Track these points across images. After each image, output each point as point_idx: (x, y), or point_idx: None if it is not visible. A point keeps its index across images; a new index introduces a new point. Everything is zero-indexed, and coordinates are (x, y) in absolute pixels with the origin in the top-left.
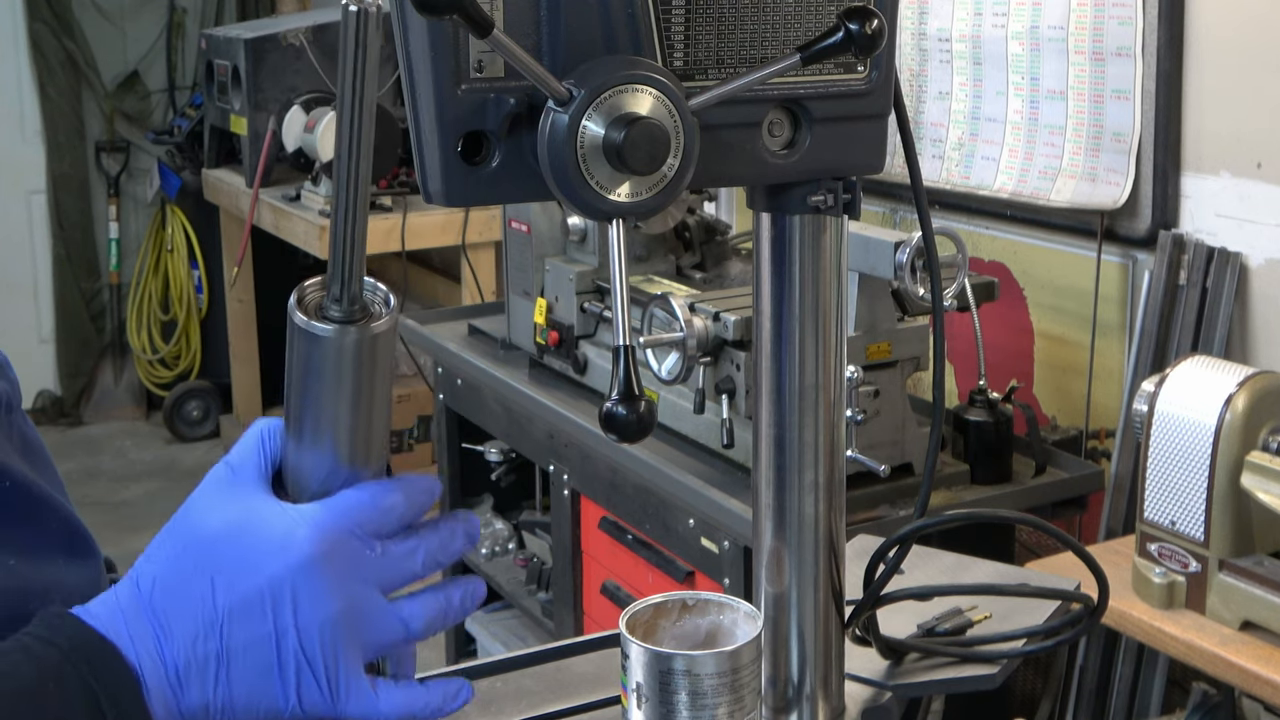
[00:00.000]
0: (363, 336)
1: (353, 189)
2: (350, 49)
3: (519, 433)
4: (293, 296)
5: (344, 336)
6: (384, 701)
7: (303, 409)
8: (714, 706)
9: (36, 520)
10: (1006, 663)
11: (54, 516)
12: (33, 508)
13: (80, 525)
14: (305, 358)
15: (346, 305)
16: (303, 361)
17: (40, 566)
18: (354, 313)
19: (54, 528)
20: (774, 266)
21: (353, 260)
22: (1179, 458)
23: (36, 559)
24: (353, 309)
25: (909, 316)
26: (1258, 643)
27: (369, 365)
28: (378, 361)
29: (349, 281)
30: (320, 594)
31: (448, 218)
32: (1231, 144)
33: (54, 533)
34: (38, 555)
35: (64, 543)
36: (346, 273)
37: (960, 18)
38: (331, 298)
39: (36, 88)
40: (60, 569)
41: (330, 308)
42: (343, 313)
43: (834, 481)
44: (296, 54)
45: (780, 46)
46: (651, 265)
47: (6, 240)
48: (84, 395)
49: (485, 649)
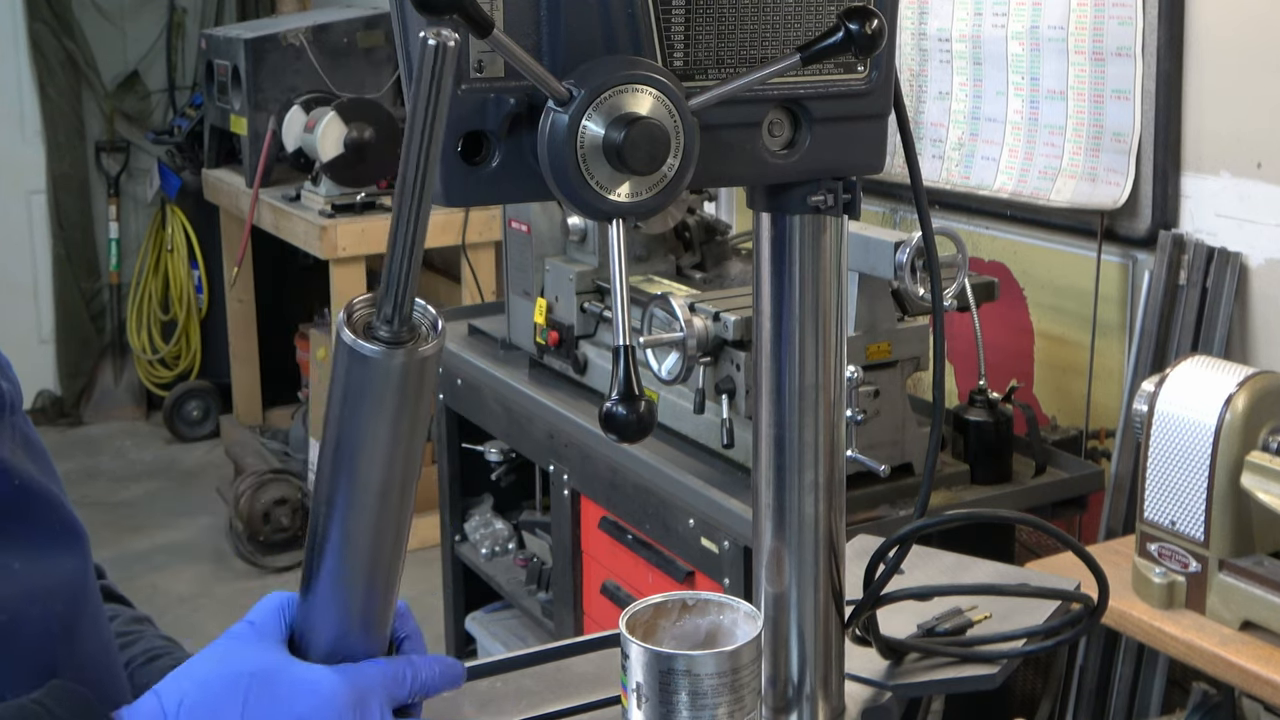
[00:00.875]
0: (410, 360)
1: (414, 209)
2: (426, 81)
3: (519, 433)
4: (341, 314)
5: (391, 359)
6: None
7: (341, 427)
8: (714, 706)
9: (39, 521)
10: (1006, 663)
11: (54, 516)
12: (35, 509)
13: (74, 519)
14: (348, 378)
15: (396, 326)
16: (344, 382)
17: (42, 568)
18: (402, 334)
19: (56, 528)
20: (774, 266)
21: (408, 282)
22: (1179, 458)
23: (39, 560)
24: (401, 330)
25: (909, 316)
26: (1258, 643)
27: (415, 389)
28: (424, 385)
29: (401, 303)
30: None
31: (448, 218)
32: (1231, 144)
33: (56, 532)
34: (40, 556)
35: (62, 540)
36: (400, 294)
37: (960, 18)
38: (383, 318)
39: (36, 88)
40: (59, 567)
41: (380, 328)
42: (391, 334)
43: (834, 481)
44: (296, 54)
45: (780, 46)
46: (651, 265)
47: (6, 240)
48: (84, 395)
49: (485, 649)
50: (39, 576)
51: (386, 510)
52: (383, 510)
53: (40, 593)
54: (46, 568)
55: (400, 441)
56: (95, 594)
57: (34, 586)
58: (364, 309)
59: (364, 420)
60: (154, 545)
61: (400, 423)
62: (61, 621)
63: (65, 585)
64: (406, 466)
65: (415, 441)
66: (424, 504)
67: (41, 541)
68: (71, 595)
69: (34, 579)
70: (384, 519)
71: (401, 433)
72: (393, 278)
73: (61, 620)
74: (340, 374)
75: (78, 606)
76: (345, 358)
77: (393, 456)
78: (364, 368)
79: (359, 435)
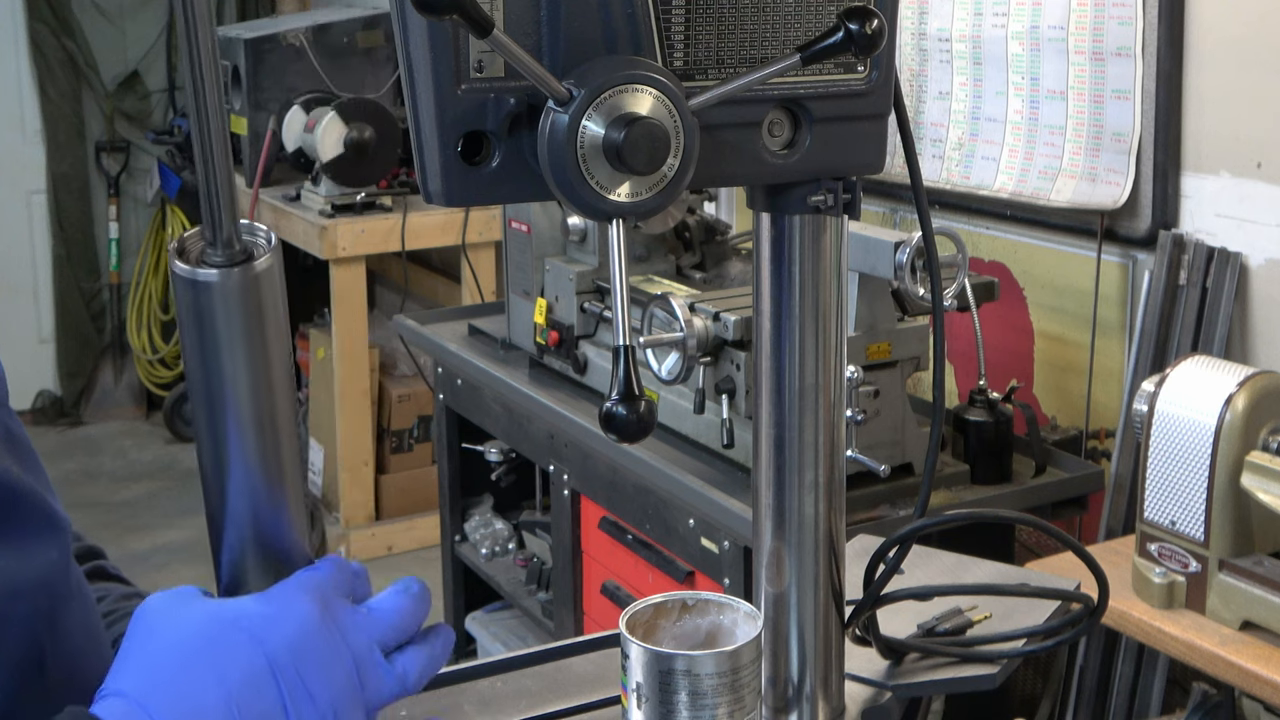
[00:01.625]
0: (247, 277)
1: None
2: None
3: (519, 433)
4: (171, 246)
5: (228, 279)
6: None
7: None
8: (714, 706)
9: (23, 516)
10: (1006, 663)
11: (37, 510)
12: (20, 504)
13: (56, 511)
14: (195, 311)
15: (226, 249)
16: (194, 316)
17: (27, 562)
18: (235, 256)
19: (39, 522)
20: (774, 266)
21: (222, 201)
22: (1179, 458)
23: (23, 554)
24: (233, 251)
25: (909, 316)
26: (1258, 643)
27: (259, 307)
28: (269, 302)
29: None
30: (324, 654)
31: (448, 218)
32: (1231, 144)
33: (38, 526)
34: (23, 550)
35: (45, 533)
36: (218, 215)
37: (960, 18)
38: (210, 243)
39: (36, 88)
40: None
41: (211, 255)
42: (225, 257)
43: (834, 481)
44: (296, 54)
45: (780, 46)
46: (651, 265)
47: (6, 240)
48: (84, 395)
49: (485, 649)
50: (24, 571)
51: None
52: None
53: (26, 587)
54: (30, 562)
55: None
56: (80, 583)
57: (19, 582)
58: (194, 240)
59: (221, 347)
60: (154, 545)
61: (254, 341)
62: (47, 615)
63: (49, 578)
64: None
65: (275, 357)
66: (424, 504)
67: (25, 536)
68: (55, 587)
69: (19, 574)
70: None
71: (258, 350)
72: (208, 199)
73: (47, 614)
74: (185, 309)
75: (62, 598)
76: (184, 291)
77: (256, 377)
78: (204, 295)
79: (219, 364)
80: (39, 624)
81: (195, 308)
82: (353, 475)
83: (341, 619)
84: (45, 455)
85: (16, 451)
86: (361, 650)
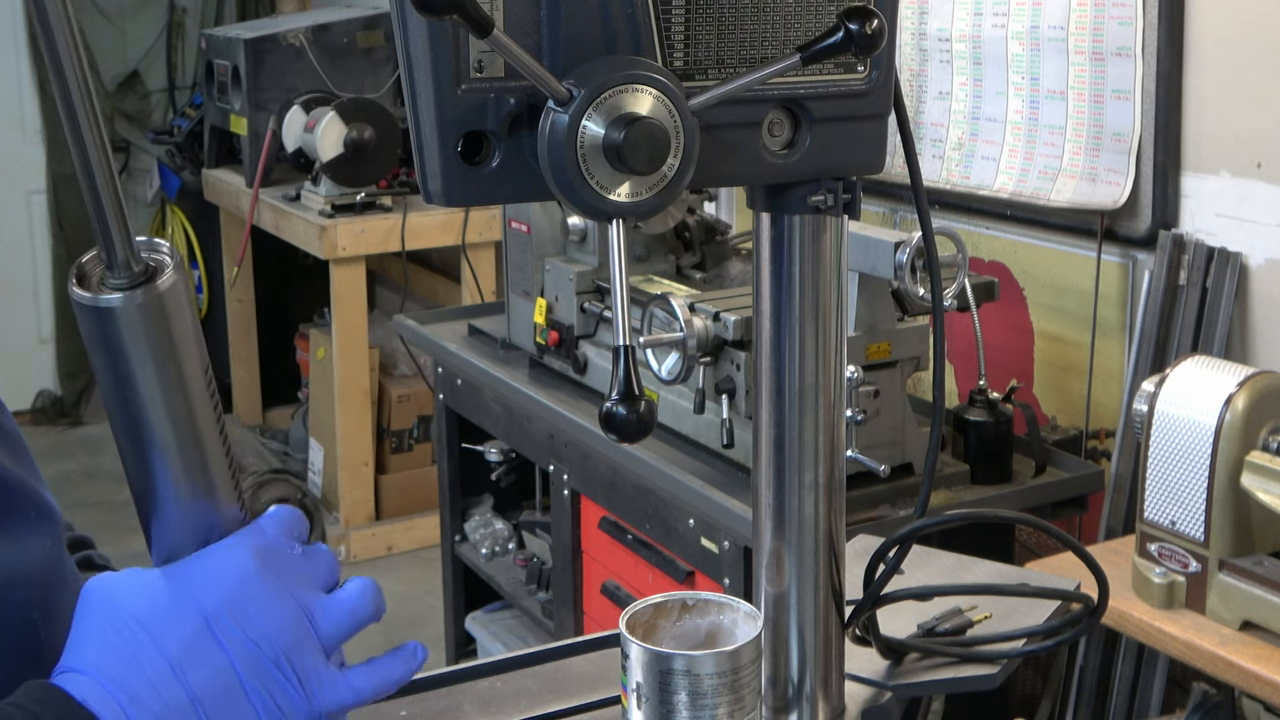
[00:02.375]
0: (150, 297)
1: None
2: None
3: (519, 433)
4: (71, 274)
5: (132, 302)
6: (357, 683)
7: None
8: (714, 706)
9: (16, 506)
10: (1006, 663)
11: (28, 502)
12: (12, 494)
13: (47, 501)
14: (102, 338)
15: (124, 271)
16: (101, 343)
17: (21, 553)
18: (136, 277)
19: (32, 515)
20: (774, 266)
21: (111, 223)
22: (1179, 458)
23: (18, 546)
24: (134, 272)
25: (909, 316)
26: (1258, 643)
27: (167, 324)
28: (178, 318)
29: (120, 243)
30: (265, 603)
31: (448, 218)
32: (1231, 144)
33: (30, 518)
34: (18, 542)
35: (37, 524)
36: (109, 237)
37: (960, 18)
38: (108, 267)
39: (36, 88)
40: (37, 550)
41: (110, 278)
42: (125, 279)
43: (834, 481)
44: (296, 54)
45: (780, 46)
46: (651, 265)
47: (6, 240)
48: (84, 395)
49: (485, 649)
50: (19, 563)
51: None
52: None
53: (21, 579)
54: (26, 552)
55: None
56: (72, 573)
57: (15, 573)
58: (94, 265)
59: (133, 369)
60: None
61: (164, 359)
62: (42, 604)
63: (44, 567)
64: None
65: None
66: (424, 504)
67: (17, 527)
68: (50, 576)
69: (15, 563)
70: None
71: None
72: (98, 222)
73: (42, 603)
74: (90, 335)
75: (57, 587)
76: (87, 318)
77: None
78: (108, 320)
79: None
80: (35, 613)
81: (101, 334)
82: (353, 475)
83: (282, 565)
84: (45, 455)
85: (6, 443)
86: (306, 591)
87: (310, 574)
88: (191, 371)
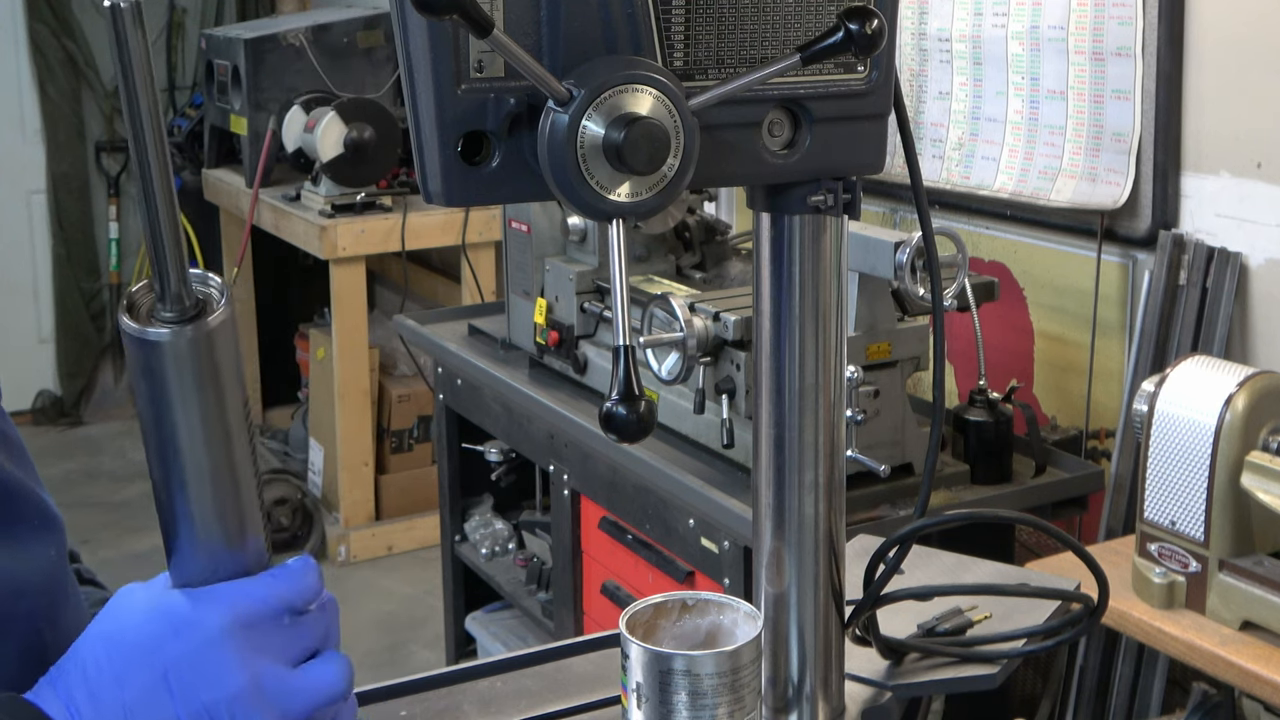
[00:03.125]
0: (199, 334)
1: (150, 178)
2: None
3: (519, 433)
4: (121, 304)
5: (180, 337)
6: None
7: (158, 424)
8: (714, 706)
9: (21, 515)
10: (1006, 663)
11: (32, 509)
12: (16, 502)
13: (51, 509)
14: (147, 368)
15: (177, 304)
16: (145, 373)
17: (26, 560)
18: (187, 311)
19: (35, 520)
20: (774, 266)
21: (169, 258)
22: (1179, 458)
23: (22, 553)
24: (185, 307)
25: (909, 316)
26: (1258, 643)
27: (213, 362)
28: (223, 357)
29: (175, 278)
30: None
31: (448, 218)
32: (1231, 144)
33: (34, 525)
34: (22, 548)
35: (41, 531)
36: (166, 271)
37: (960, 18)
38: (160, 299)
39: (36, 88)
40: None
41: (162, 310)
42: (176, 313)
43: (834, 481)
44: (296, 54)
45: (780, 46)
46: (651, 265)
47: (6, 240)
48: (84, 395)
49: (485, 649)
50: (24, 570)
51: (220, 488)
52: (218, 488)
53: (28, 588)
54: (29, 560)
55: (211, 412)
56: (73, 581)
57: (20, 580)
58: (144, 295)
59: (173, 403)
60: (154, 546)
61: (207, 395)
62: (47, 612)
63: (48, 575)
64: (228, 434)
65: (230, 408)
66: (424, 504)
67: (22, 535)
68: (53, 586)
69: (19, 572)
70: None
71: (211, 403)
72: (157, 256)
73: (46, 611)
74: (135, 366)
75: (60, 596)
76: (135, 348)
77: (210, 429)
78: (155, 354)
79: (172, 418)
80: (41, 621)
81: (146, 365)
82: (353, 475)
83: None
84: (45, 455)
85: (9, 450)
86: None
87: (292, 648)
88: (233, 408)
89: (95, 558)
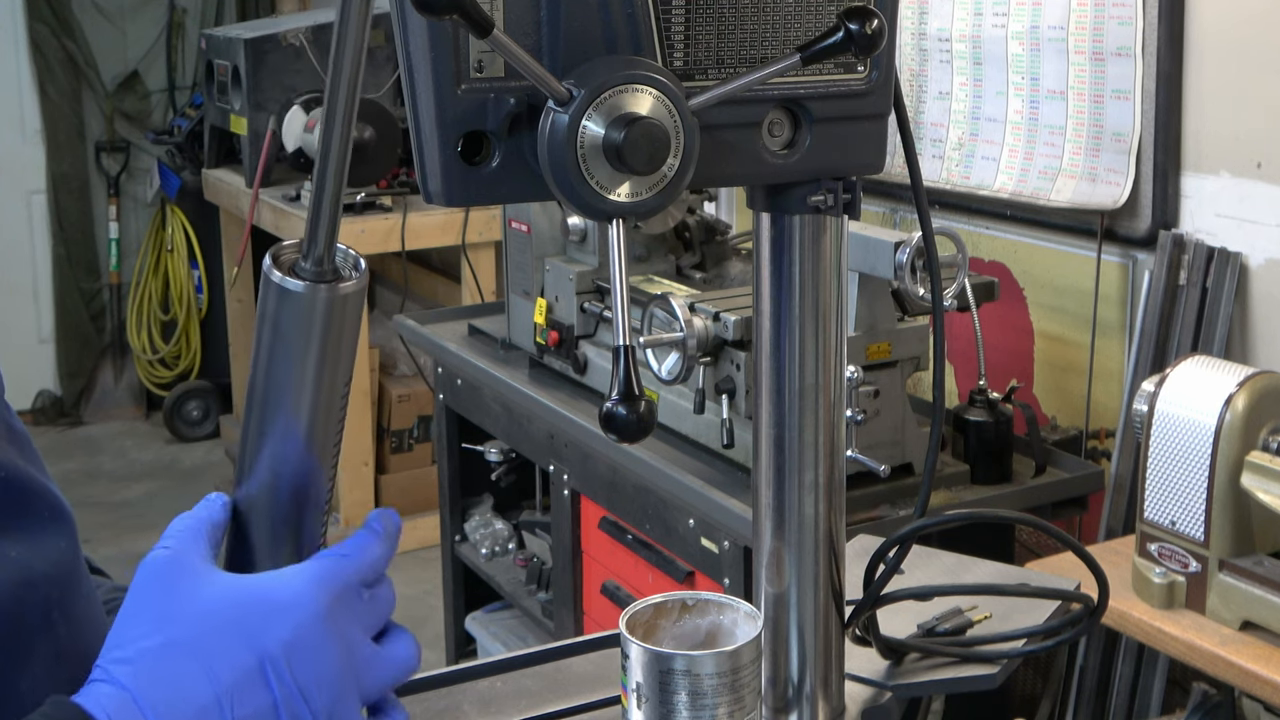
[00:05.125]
0: (333, 295)
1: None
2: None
3: (519, 433)
4: (268, 256)
5: (315, 293)
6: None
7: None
8: (714, 706)
9: (32, 507)
10: (1006, 663)
11: (41, 502)
12: (25, 495)
13: (60, 501)
14: (275, 316)
15: (317, 265)
16: (273, 320)
17: (37, 553)
18: (326, 273)
19: (44, 513)
20: (774, 266)
21: (328, 222)
22: (1179, 458)
23: (33, 545)
24: (323, 269)
25: (909, 316)
26: (1258, 643)
27: (337, 326)
28: (345, 324)
29: (323, 242)
30: (322, 652)
31: (448, 218)
32: (1231, 144)
33: (44, 518)
34: (33, 541)
35: (51, 524)
36: (326, 234)
37: (960, 18)
38: (304, 257)
39: (36, 88)
40: (52, 550)
41: (304, 268)
42: (315, 273)
43: (834, 481)
44: (296, 54)
45: (780, 46)
46: (651, 265)
47: (6, 240)
48: (84, 395)
49: (485, 649)
50: (35, 562)
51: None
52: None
53: (38, 578)
54: (41, 552)
55: (325, 373)
56: (85, 573)
57: (32, 572)
58: (290, 253)
59: (291, 353)
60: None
61: (325, 355)
62: (60, 604)
63: (59, 568)
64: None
65: (338, 377)
66: (424, 504)
67: (33, 527)
68: (65, 577)
69: (31, 565)
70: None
71: (326, 364)
72: (319, 218)
73: (60, 603)
74: (268, 312)
75: (72, 587)
76: (273, 297)
77: (317, 389)
78: (291, 304)
79: (287, 368)
80: (54, 613)
81: (276, 313)
82: (353, 475)
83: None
84: (45, 455)
85: (18, 444)
86: (361, 643)
87: (368, 622)
88: (337, 377)
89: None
